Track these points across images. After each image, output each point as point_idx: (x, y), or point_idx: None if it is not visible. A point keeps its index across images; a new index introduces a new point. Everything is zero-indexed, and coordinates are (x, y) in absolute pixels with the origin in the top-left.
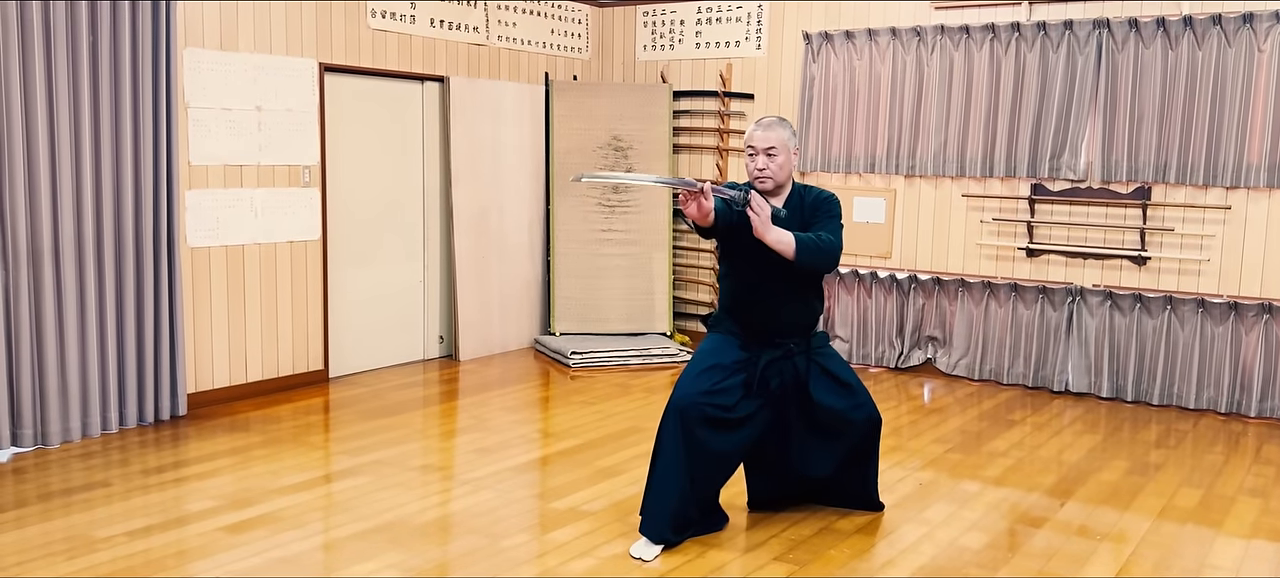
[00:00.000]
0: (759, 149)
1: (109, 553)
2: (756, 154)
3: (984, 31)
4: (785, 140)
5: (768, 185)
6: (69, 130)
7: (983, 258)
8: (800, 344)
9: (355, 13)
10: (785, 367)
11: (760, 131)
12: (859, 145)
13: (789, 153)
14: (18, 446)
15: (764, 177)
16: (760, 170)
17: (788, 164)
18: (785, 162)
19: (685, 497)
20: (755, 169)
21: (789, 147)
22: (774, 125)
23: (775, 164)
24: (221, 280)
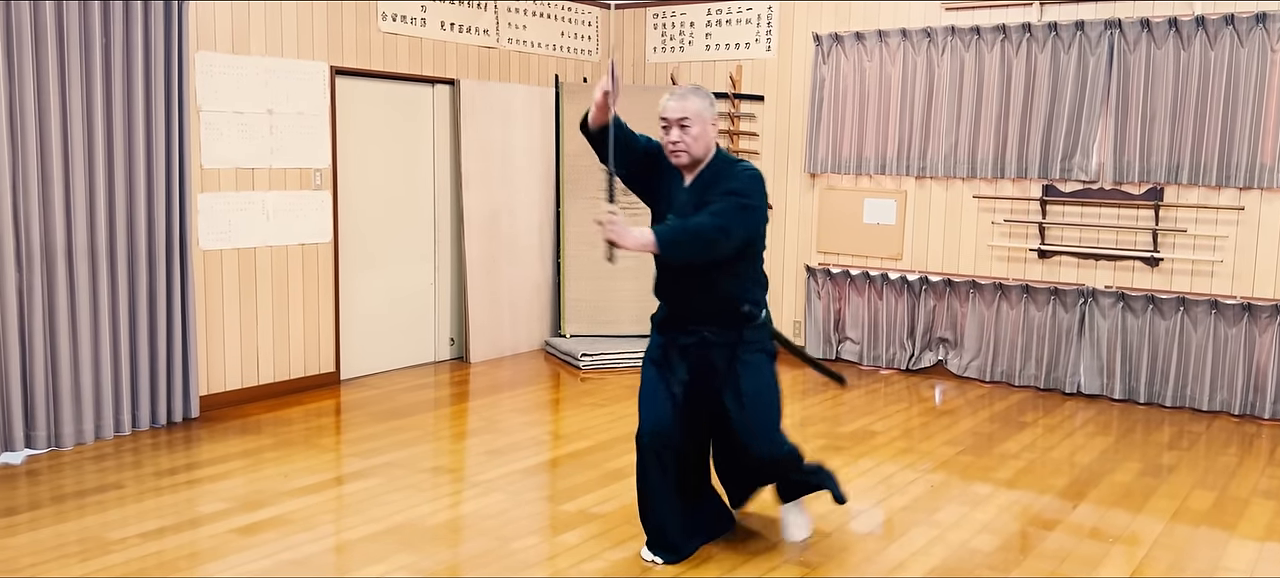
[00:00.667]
0: (671, 120)
1: (122, 555)
2: (669, 126)
3: (995, 32)
4: (700, 110)
5: (682, 160)
6: (82, 133)
7: (994, 259)
8: (719, 334)
9: (366, 15)
10: (700, 357)
11: (674, 101)
12: (869, 147)
13: (706, 124)
14: (32, 448)
15: (677, 150)
16: (674, 144)
17: (704, 136)
18: (702, 133)
19: (679, 509)
20: (668, 143)
21: (705, 117)
22: (689, 94)
23: (690, 136)
24: (233, 283)
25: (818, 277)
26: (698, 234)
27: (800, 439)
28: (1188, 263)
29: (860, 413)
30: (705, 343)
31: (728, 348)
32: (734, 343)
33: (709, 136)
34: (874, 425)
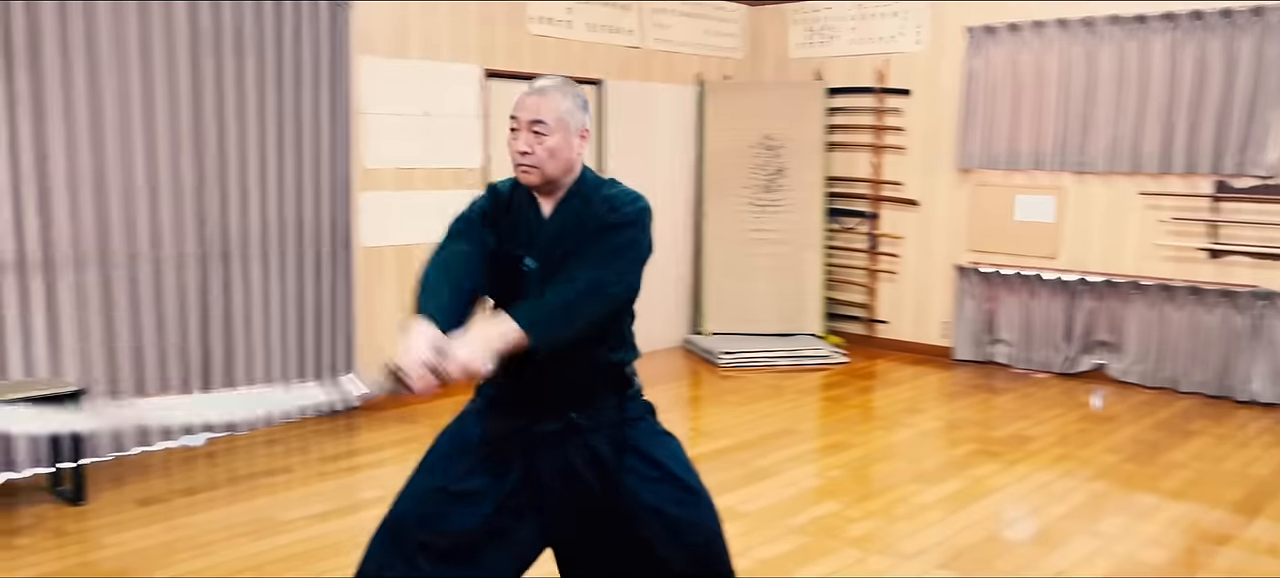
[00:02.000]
0: (522, 122)
1: (291, 535)
2: (519, 129)
3: (1162, 21)
4: (563, 115)
5: (530, 178)
6: (256, 135)
7: (1159, 259)
8: (592, 417)
9: (516, 18)
10: (571, 454)
11: (529, 97)
12: (1024, 142)
13: (568, 133)
14: (210, 431)
15: (525, 165)
16: (521, 155)
17: (565, 148)
18: (561, 145)
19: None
20: (516, 152)
21: (568, 124)
22: (552, 89)
23: (544, 148)
24: (392, 278)
25: (968, 276)
26: (570, 303)
27: (949, 444)
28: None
29: (1013, 418)
30: (572, 431)
31: (610, 430)
32: (617, 423)
33: (572, 151)
34: (1029, 431)
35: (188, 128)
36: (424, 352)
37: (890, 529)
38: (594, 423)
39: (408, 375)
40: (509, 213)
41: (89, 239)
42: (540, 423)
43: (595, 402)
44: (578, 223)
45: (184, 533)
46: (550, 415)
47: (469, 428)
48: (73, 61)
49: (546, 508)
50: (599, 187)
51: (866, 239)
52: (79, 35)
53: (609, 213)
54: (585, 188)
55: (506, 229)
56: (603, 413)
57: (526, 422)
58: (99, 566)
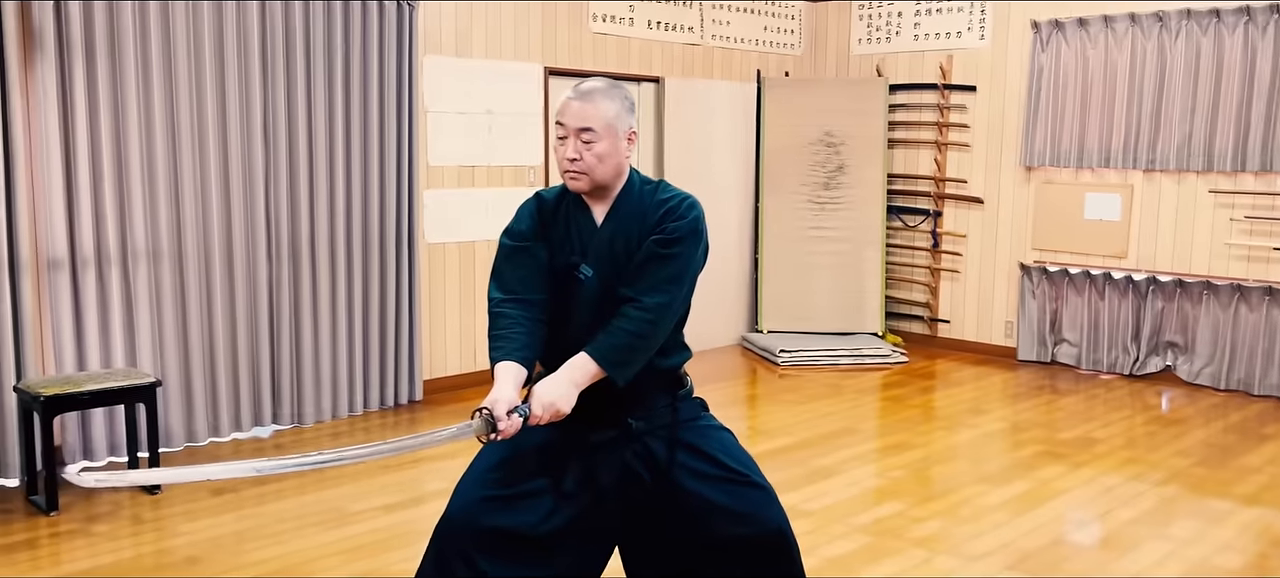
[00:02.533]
0: (570, 129)
1: (360, 526)
2: (567, 136)
3: (1237, 14)
4: (612, 120)
5: (579, 184)
6: (325, 134)
7: (1232, 258)
8: (647, 421)
9: (578, 17)
10: (627, 456)
11: (575, 103)
12: (1092, 139)
13: (617, 137)
14: (277, 423)
15: (574, 172)
16: (570, 162)
17: (614, 153)
18: (610, 150)
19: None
20: (564, 160)
21: (617, 129)
22: (598, 94)
23: (593, 154)
24: (455, 275)
25: (1033, 275)
26: (642, 334)
27: (1013, 445)
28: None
29: (1079, 420)
30: (628, 437)
31: (664, 431)
32: (671, 424)
33: (621, 155)
34: (1095, 432)
35: (259, 127)
36: (512, 397)
37: (955, 531)
38: (649, 426)
39: (498, 421)
40: (559, 221)
41: (165, 236)
42: (596, 431)
43: (649, 405)
44: (631, 229)
45: (254, 522)
46: (607, 423)
47: (523, 442)
48: (150, 62)
49: (606, 511)
50: (651, 190)
51: (929, 237)
52: (157, 36)
53: (666, 222)
54: (636, 191)
55: (558, 238)
56: (657, 415)
57: (583, 430)
58: (173, 553)
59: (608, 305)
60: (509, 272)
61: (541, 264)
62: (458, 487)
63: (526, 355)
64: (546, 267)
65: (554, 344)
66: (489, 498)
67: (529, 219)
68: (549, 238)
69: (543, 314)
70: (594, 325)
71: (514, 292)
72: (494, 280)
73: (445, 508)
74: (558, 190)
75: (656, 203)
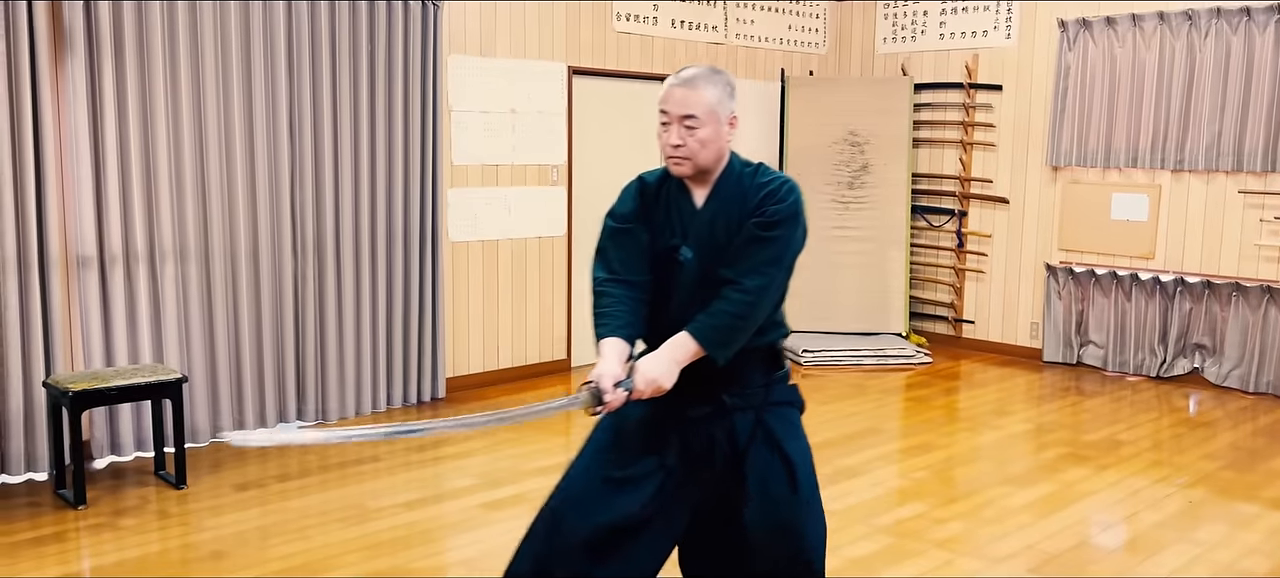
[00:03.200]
0: (673, 116)
1: (382, 523)
2: (670, 122)
3: (1268, 13)
4: (714, 106)
5: (682, 169)
6: (350, 132)
7: (1262, 260)
8: (741, 397)
9: (602, 16)
10: (714, 430)
11: (678, 89)
12: (1119, 138)
13: (719, 123)
14: (302, 419)
15: (677, 157)
16: (674, 148)
17: (717, 139)
18: (713, 135)
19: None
20: (668, 147)
21: (720, 115)
22: (701, 80)
23: (696, 139)
24: (478, 273)
25: (1059, 276)
26: (742, 315)
27: (1037, 448)
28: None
29: (1105, 422)
30: (723, 412)
31: (753, 411)
32: (761, 404)
33: (723, 140)
34: (1120, 435)
35: (285, 126)
36: (617, 372)
37: (978, 532)
38: (742, 402)
39: (604, 394)
40: (660, 204)
41: (192, 234)
42: (694, 406)
43: (744, 381)
44: (732, 212)
45: (279, 518)
46: (703, 399)
47: (627, 417)
48: (178, 61)
49: (692, 487)
50: (750, 173)
51: (953, 237)
52: (185, 35)
53: (767, 205)
54: (736, 174)
55: (659, 220)
56: (750, 393)
57: (681, 405)
58: (199, 547)
59: (707, 287)
60: (613, 252)
61: (643, 246)
62: (564, 477)
63: (630, 333)
64: (648, 248)
65: (654, 323)
66: (596, 485)
67: (632, 201)
68: (650, 220)
69: (645, 294)
70: (692, 306)
71: (617, 272)
72: (598, 260)
73: (550, 499)
74: (660, 173)
75: (756, 186)
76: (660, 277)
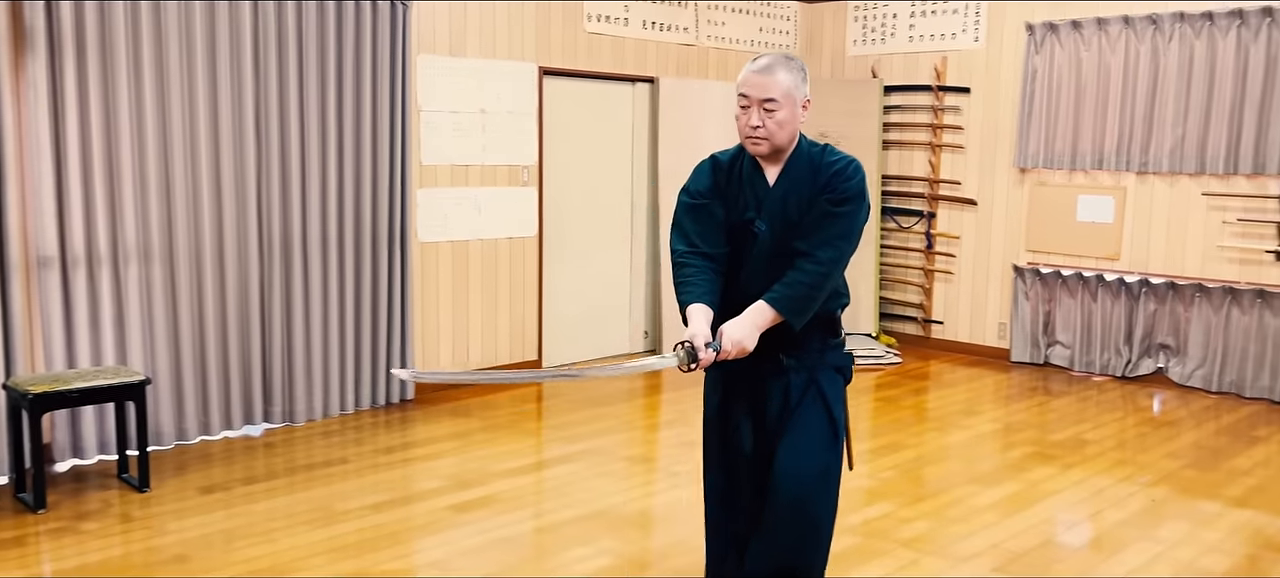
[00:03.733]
0: (753, 100)
1: (348, 525)
2: (750, 106)
3: (1230, 17)
4: (790, 89)
5: (761, 149)
6: (317, 132)
7: (1224, 261)
8: (799, 360)
9: (573, 16)
10: (774, 391)
11: (755, 74)
12: (1085, 141)
13: (794, 106)
14: (268, 422)
15: (757, 138)
16: (753, 129)
17: (791, 121)
18: (788, 117)
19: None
20: (747, 127)
21: (795, 98)
22: (777, 66)
23: (774, 121)
24: (448, 274)
25: (1026, 277)
26: (811, 286)
27: (1004, 447)
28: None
29: (1071, 421)
30: (781, 372)
31: (809, 371)
32: (816, 365)
33: (796, 122)
34: (1086, 434)
35: (251, 125)
36: (707, 333)
37: (944, 532)
38: (799, 363)
39: (698, 352)
40: (733, 180)
41: (156, 234)
42: (760, 366)
43: (804, 345)
44: (802, 189)
45: (244, 521)
46: (768, 360)
47: (712, 393)
48: (142, 60)
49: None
50: (819, 154)
51: (922, 238)
52: (148, 34)
53: (837, 182)
54: (805, 153)
55: (733, 195)
56: (808, 355)
57: (750, 366)
58: (162, 550)
59: (778, 258)
60: (690, 225)
61: (719, 220)
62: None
63: (712, 300)
64: (723, 222)
65: (726, 291)
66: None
67: (707, 178)
68: (724, 195)
69: (721, 267)
70: (763, 275)
71: (696, 245)
72: (675, 233)
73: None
74: (732, 152)
75: (826, 165)
76: (734, 248)
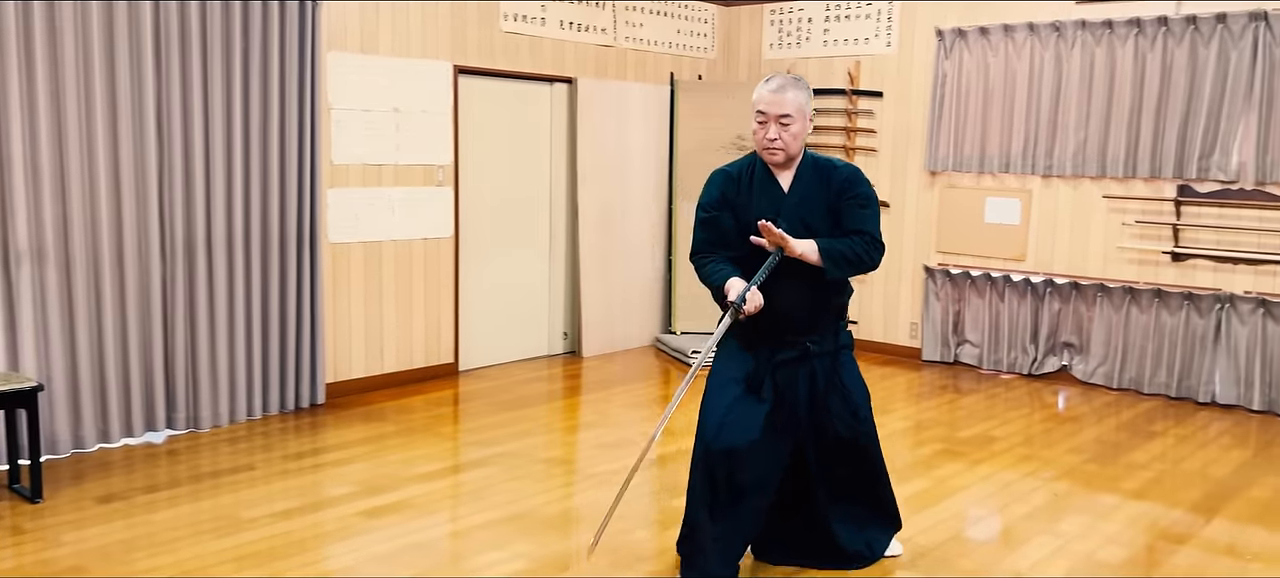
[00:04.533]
0: (770, 116)
1: (254, 533)
2: (767, 121)
3: (1129, 26)
4: (802, 105)
5: (777, 158)
6: (222, 131)
7: (1124, 262)
8: (820, 343)
9: (489, 16)
10: (800, 373)
11: (771, 93)
12: (993, 144)
13: (805, 120)
14: (172, 428)
15: (774, 149)
16: (771, 141)
17: (802, 133)
18: (800, 130)
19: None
20: (765, 139)
21: (805, 113)
22: (789, 86)
23: (789, 134)
24: (360, 275)
25: (936, 277)
26: (864, 258)
27: (915, 444)
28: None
29: (979, 418)
30: (806, 356)
31: (829, 356)
32: (834, 350)
33: (805, 134)
34: (994, 431)
35: (152, 123)
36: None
37: None
38: (820, 349)
39: (745, 304)
40: (744, 189)
41: (50, 235)
42: (782, 351)
43: (822, 331)
44: (816, 194)
45: (144, 531)
46: (790, 345)
47: (730, 364)
48: (34, 57)
49: (790, 412)
50: (825, 163)
51: None
52: (41, 32)
53: (854, 186)
54: (811, 162)
55: (744, 202)
56: (825, 340)
57: (773, 351)
58: (56, 563)
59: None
60: (703, 235)
61: (727, 228)
62: (700, 416)
63: (735, 273)
64: (733, 228)
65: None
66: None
67: (716, 190)
68: (735, 205)
69: (734, 255)
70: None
71: (709, 247)
72: (694, 243)
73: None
74: (742, 163)
75: (836, 172)
76: (756, 246)
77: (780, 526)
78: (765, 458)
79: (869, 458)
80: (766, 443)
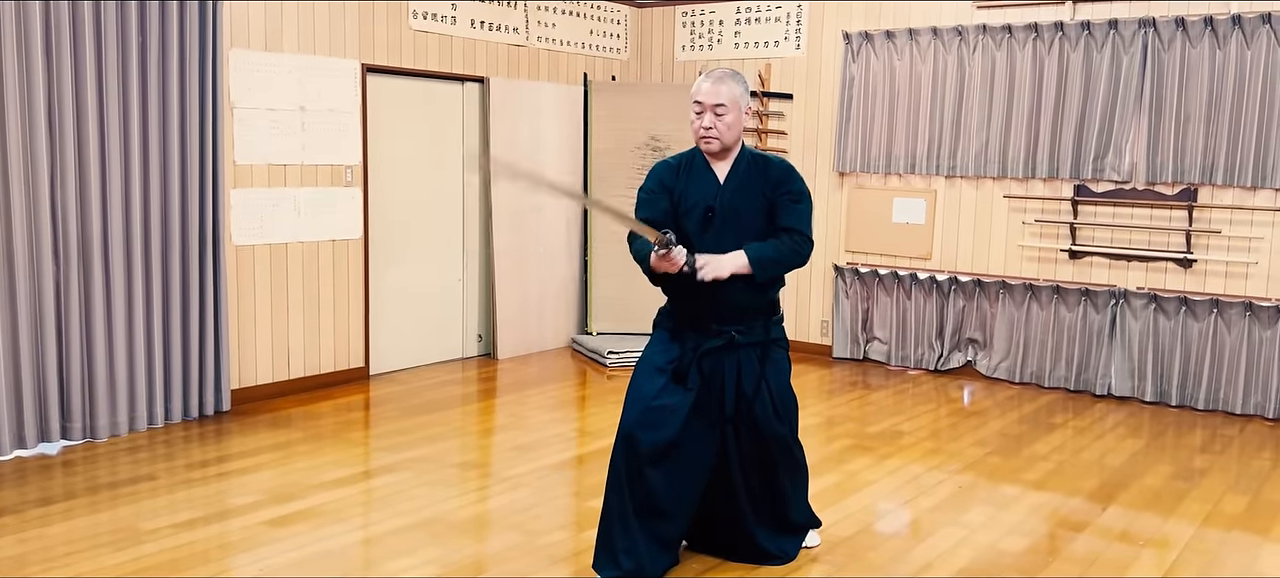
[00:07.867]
0: (707, 105)
1: (154, 545)
2: (703, 111)
3: (1027, 31)
4: (737, 97)
5: (712, 147)
6: (118, 129)
7: (1024, 260)
8: (747, 332)
9: (397, 14)
10: (726, 362)
11: (709, 84)
12: (899, 146)
13: (739, 111)
14: (67, 439)
15: (710, 137)
16: (706, 129)
17: (737, 124)
18: (735, 121)
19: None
20: (701, 128)
21: (740, 105)
22: (725, 78)
23: (723, 123)
24: (265, 278)
25: (846, 276)
26: (792, 254)
27: (826, 440)
28: (1222, 265)
29: (888, 413)
30: (732, 345)
31: (758, 348)
32: (763, 342)
33: (740, 126)
34: (902, 426)
35: (42, 122)
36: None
37: None
38: (747, 339)
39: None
40: (682, 177)
41: None
42: (708, 340)
43: (750, 323)
44: (752, 185)
45: (37, 545)
46: (716, 334)
47: (656, 353)
48: None
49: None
50: (760, 157)
51: None
52: None
53: (788, 182)
54: (747, 156)
55: (682, 189)
56: (753, 331)
57: (699, 340)
58: None
59: (725, 238)
60: (643, 212)
61: (664, 208)
62: (625, 404)
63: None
64: (667, 211)
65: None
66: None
67: (655, 179)
68: (672, 191)
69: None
70: (713, 251)
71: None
72: (636, 214)
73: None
74: (683, 156)
75: (771, 166)
76: (692, 228)
77: (702, 522)
78: (687, 461)
79: (790, 464)
80: (690, 442)
